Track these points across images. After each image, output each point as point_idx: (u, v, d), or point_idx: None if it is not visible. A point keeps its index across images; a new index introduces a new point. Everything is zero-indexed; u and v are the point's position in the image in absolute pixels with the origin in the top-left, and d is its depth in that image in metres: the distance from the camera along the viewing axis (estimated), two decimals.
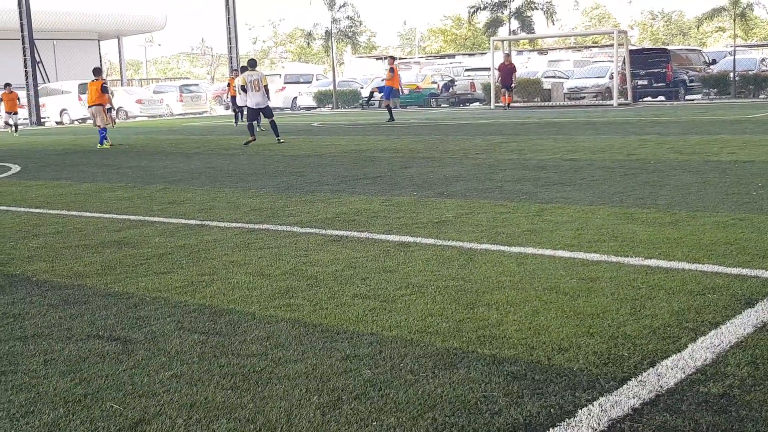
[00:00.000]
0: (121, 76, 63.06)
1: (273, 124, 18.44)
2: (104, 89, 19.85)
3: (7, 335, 4.28)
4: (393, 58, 27.76)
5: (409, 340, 3.86)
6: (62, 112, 38.56)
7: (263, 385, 3.39)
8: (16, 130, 28.19)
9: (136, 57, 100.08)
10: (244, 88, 18.50)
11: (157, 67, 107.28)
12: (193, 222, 7.61)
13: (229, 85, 27.61)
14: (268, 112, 18.68)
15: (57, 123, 38.75)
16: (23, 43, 37.13)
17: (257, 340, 3.99)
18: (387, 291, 4.77)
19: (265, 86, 18.60)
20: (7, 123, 28.63)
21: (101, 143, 19.37)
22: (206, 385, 3.42)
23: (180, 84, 48.15)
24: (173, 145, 19.09)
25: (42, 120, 37.27)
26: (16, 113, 28.48)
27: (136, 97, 43.74)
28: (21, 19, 36.87)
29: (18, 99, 28.77)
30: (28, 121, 37.02)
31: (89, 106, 19.95)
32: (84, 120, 34.95)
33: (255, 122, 19.02)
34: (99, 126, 19.61)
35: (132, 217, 8.09)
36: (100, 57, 60.86)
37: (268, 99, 18.85)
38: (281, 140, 17.88)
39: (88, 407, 3.26)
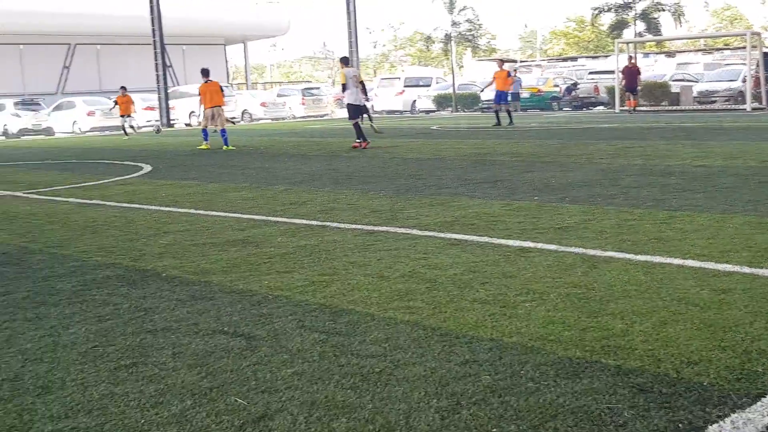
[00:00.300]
0: (246, 80, 64.85)
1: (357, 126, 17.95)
2: (222, 90, 20.31)
3: (138, 328, 4.45)
4: (502, 61, 27.39)
5: (529, 347, 3.80)
6: (191, 114, 39.94)
7: (382, 386, 3.40)
8: (126, 134, 28.74)
9: (261, 61, 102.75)
10: (345, 86, 18.01)
11: (281, 70, 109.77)
12: (314, 223, 7.73)
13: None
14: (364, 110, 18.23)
15: (186, 125, 40.15)
16: (155, 48, 38.68)
17: (376, 341, 4.00)
18: (507, 296, 4.71)
19: (361, 82, 18.18)
20: (123, 126, 29.12)
21: (226, 144, 19.55)
22: (326, 384, 3.46)
23: (302, 87, 49.14)
24: (295, 147, 19.46)
25: (171, 122, 38.71)
26: (130, 116, 29.07)
27: (260, 100, 44.87)
28: (152, 25, 38.43)
29: (132, 102, 29.30)
30: (159, 122, 38.50)
31: (208, 108, 20.07)
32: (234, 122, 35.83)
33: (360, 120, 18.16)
34: (217, 127, 20.02)
35: (256, 217, 8.29)
36: (226, 61, 62.83)
37: (366, 97, 18.38)
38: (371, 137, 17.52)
39: (214, 400, 3.35)
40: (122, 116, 28.96)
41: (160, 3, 38.45)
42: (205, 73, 20.38)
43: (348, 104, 18.23)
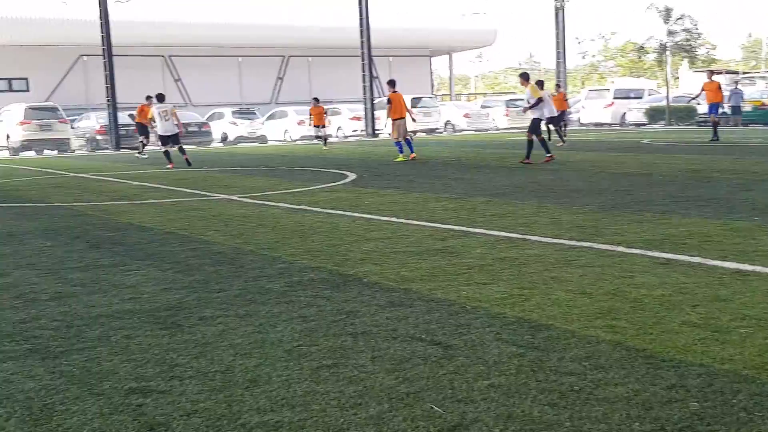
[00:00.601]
0: (450, 91, 65.44)
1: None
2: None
3: (340, 330, 4.59)
4: (711, 72, 25.95)
5: (743, 376, 3.57)
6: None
7: (581, 405, 3.31)
8: (325, 144, 28.96)
9: (465, 72, 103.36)
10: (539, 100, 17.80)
11: (485, 81, 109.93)
12: (514, 235, 7.66)
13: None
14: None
15: (389, 135, 41.03)
16: (362, 60, 39.87)
17: (576, 359, 3.90)
18: (720, 321, 4.45)
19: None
20: (317, 136, 29.68)
21: (412, 152, 19.99)
22: (523, 399, 3.41)
23: (507, 99, 48.91)
24: (498, 159, 19.41)
25: (376, 132, 39.72)
26: (323, 126, 29.49)
27: (464, 111, 45.12)
28: (361, 37, 39.63)
29: (325, 113, 29.79)
30: (364, 132, 39.63)
31: (397, 119, 20.36)
32: (415, 132, 36.45)
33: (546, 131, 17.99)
34: (400, 138, 20.31)
35: (456, 227, 8.33)
36: (431, 72, 63.70)
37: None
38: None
39: (410, 405, 3.39)
40: (315, 126, 29.53)
41: (369, 15, 39.54)
42: (392, 84, 20.82)
43: (533, 118, 17.93)
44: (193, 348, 4.32)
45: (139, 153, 27.03)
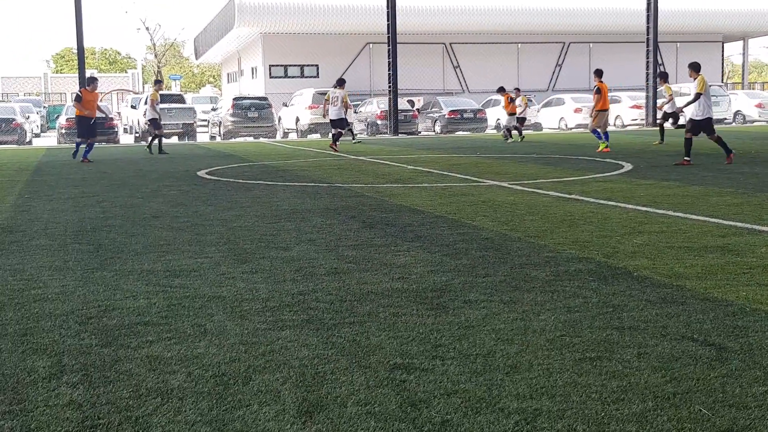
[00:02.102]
0: (743, 80, 61.17)
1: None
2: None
3: (605, 323, 4.47)
4: None
5: None
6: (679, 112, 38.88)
7: None
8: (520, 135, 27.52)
9: (760, 59, 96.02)
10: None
11: None
12: None
13: None
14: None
15: (672, 125, 39.18)
16: (647, 46, 38.24)
17: None
18: None
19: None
20: (509, 128, 27.72)
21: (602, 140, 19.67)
22: None
23: None
24: None
25: (657, 121, 38.01)
26: (514, 115, 27.65)
27: (756, 101, 41.98)
28: (647, 23, 37.99)
29: (515, 101, 27.86)
30: (643, 122, 38.13)
31: (602, 110, 20.32)
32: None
33: None
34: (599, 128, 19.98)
35: (738, 224, 7.80)
36: (723, 60, 59.83)
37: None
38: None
39: (677, 406, 3.24)
40: (510, 115, 27.69)
41: None
42: (599, 74, 20.68)
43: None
44: (456, 330, 4.41)
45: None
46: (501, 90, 28.62)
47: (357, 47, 50.28)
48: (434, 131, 37.75)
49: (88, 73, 31.13)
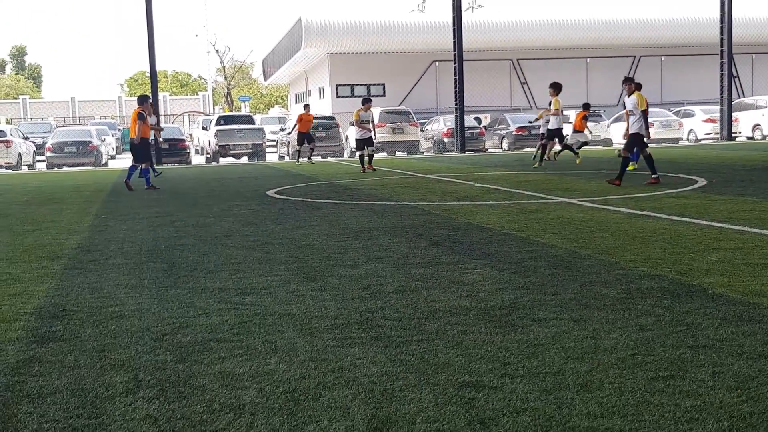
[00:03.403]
0: None
1: None
2: None
3: (678, 342, 4.39)
4: None
5: None
6: (755, 127, 37.94)
7: None
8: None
9: None
10: None
11: None
12: None
13: None
14: None
15: (748, 138, 38.28)
16: (721, 58, 37.46)
17: None
18: None
19: None
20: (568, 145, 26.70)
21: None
22: None
23: None
24: None
25: (733, 135, 37.21)
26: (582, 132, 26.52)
27: None
28: (721, 34, 37.22)
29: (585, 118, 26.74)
30: (718, 135, 37.35)
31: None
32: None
33: None
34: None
35: None
36: None
37: None
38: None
39: (754, 426, 3.17)
40: (576, 132, 26.43)
41: (732, 5, 36.89)
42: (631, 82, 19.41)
43: None
44: (525, 348, 4.38)
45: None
46: (586, 106, 28.11)
47: (423, 65, 50.44)
48: (502, 148, 37.58)
49: (160, 96, 31.87)
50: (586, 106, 27.59)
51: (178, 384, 3.93)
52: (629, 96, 14.78)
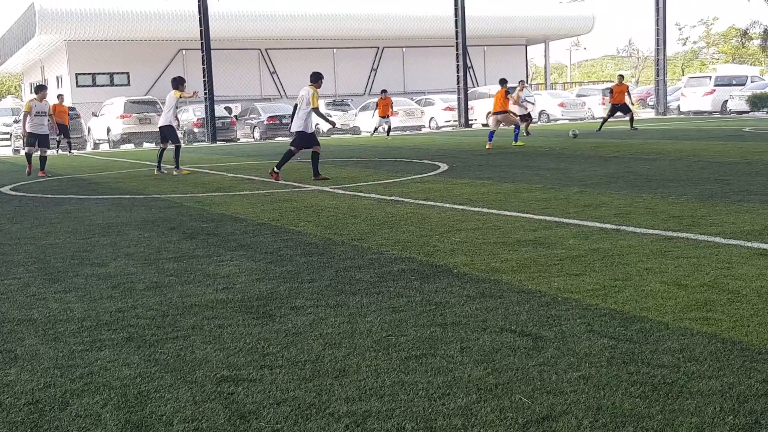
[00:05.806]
0: (545, 80, 64.54)
1: None
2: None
3: (429, 321, 4.59)
4: None
5: None
6: (487, 114, 40.50)
7: (674, 398, 3.23)
8: (387, 134, 30.78)
9: (561, 60, 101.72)
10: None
11: (581, 70, 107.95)
12: (608, 226, 7.51)
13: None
14: None
15: (483, 125, 40.80)
16: (457, 50, 39.61)
17: (669, 351, 3.81)
18: None
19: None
20: (380, 127, 31.37)
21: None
22: (614, 391, 3.35)
23: (603, 87, 47.90)
24: (592, 148, 19.06)
25: (469, 122, 39.48)
26: (387, 117, 31.00)
27: (559, 100, 44.45)
28: (456, 27, 39.35)
29: (391, 105, 31.38)
30: (456, 123, 39.48)
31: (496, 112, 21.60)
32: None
33: None
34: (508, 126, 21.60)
35: (548, 218, 8.22)
36: (527, 62, 62.88)
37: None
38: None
39: (499, 397, 3.37)
40: (381, 117, 30.98)
41: (465, 4, 39.15)
42: (502, 82, 21.68)
43: None
44: (283, 337, 4.38)
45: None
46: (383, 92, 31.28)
47: (170, 54, 49.03)
48: (254, 138, 37.45)
49: None
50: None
51: None
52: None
